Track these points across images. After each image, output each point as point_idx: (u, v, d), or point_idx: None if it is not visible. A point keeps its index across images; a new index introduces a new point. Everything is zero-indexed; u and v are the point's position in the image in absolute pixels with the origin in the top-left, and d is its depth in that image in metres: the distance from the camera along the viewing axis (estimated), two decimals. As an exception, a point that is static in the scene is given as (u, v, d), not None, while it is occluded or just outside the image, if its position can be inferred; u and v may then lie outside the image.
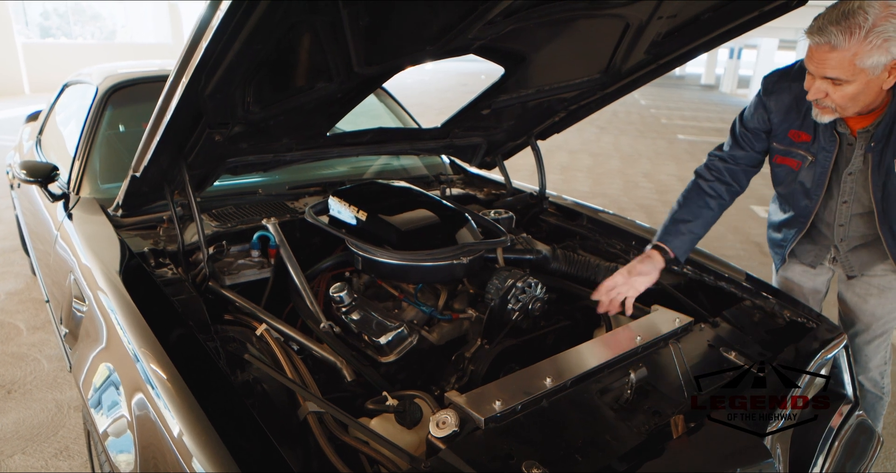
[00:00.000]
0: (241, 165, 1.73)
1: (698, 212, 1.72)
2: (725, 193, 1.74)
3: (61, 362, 2.74)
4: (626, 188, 6.91)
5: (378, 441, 1.08)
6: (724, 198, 1.74)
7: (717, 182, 1.74)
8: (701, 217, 1.71)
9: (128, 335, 1.25)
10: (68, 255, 1.76)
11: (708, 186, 1.74)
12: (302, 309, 1.55)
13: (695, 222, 1.70)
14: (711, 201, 1.73)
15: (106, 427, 1.24)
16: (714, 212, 1.73)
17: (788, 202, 1.78)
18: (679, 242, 1.68)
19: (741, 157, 1.74)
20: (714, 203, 1.73)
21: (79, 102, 2.59)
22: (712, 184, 1.74)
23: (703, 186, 1.75)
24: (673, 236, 1.69)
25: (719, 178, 1.75)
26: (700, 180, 1.76)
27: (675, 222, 1.71)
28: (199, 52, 1.09)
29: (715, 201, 1.73)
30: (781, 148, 1.66)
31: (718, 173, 1.75)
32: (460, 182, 2.56)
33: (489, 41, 1.47)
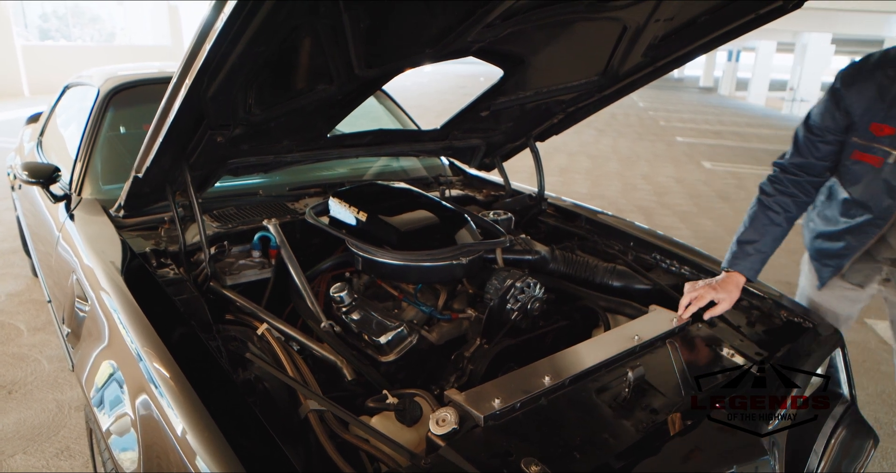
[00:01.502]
0: (242, 167, 1.75)
1: (764, 230, 1.63)
2: (792, 205, 1.63)
3: (62, 362, 2.75)
4: (625, 190, 6.93)
5: (378, 438, 1.09)
6: (790, 211, 1.63)
7: (782, 195, 1.63)
8: (768, 235, 1.62)
9: (130, 335, 1.26)
10: (70, 255, 1.77)
11: (772, 201, 1.64)
12: (302, 309, 1.56)
13: (761, 240, 1.62)
14: (777, 216, 1.63)
15: (109, 426, 1.25)
16: (782, 227, 1.63)
17: (863, 205, 1.61)
18: (748, 263, 1.61)
19: (805, 166, 1.62)
20: (780, 218, 1.63)
21: (80, 104, 2.61)
22: (776, 199, 1.64)
23: (766, 202, 1.64)
24: (740, 260, 1.62)
25: (783, 190, 1.64)
26: (763, 197, 1.66)
27: (741, 244, 1.63)
28: (202, 54, 1.10)
29: (781, 216, 1.63)
30: (862, 143, 1.54)
31: (782, 186, 1.64)
32: (459, 183, 2.57)
33: (488, 44, 1.48)
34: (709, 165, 8.88)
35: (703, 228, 5.53)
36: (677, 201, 6.56)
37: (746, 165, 9.06)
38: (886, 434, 2.54)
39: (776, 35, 19.56)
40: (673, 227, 5.49)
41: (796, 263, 2.00)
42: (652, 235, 2.08)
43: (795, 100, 18.45)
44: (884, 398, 2.82)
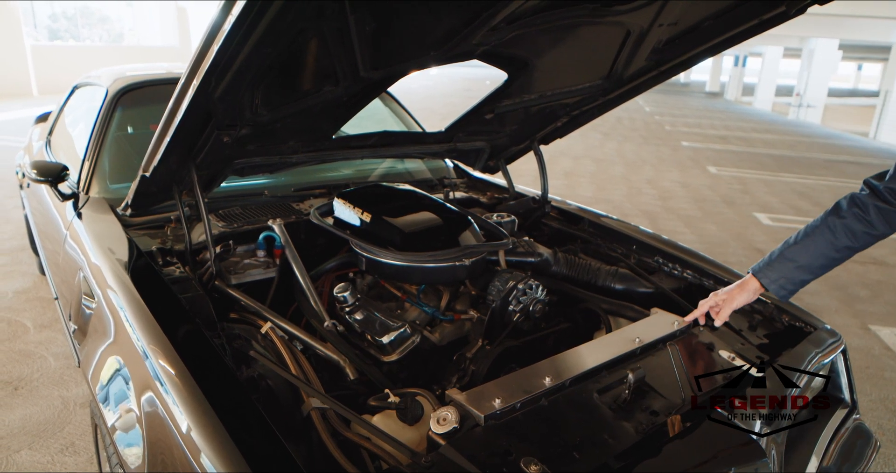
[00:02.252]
0: (247, 167, 1.76)
1: (817, 254, 1.38)
2: (862, 236, 1.34)
3: (68, 359, 2.77)
4: (630, 194, 6.93)
5: (380, 436, 1.10)
6: (856, 243, 1.35)
7: (857, 221, 1.34)
8: (817, 262, 1.38)
9: (136, 332, 1.28)
10: (77, 253, 1.79)
11: (840, 225, 1.35)
12: (306, 309, 1.57)
13: (805, 265, 1.39)
14: (837, 243, 1.35)
15: (114, 421, 1.27)
16: (836, 259, 1.38)
17: None
18: (777, 275, 1.42)
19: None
20: (839, 250, 1.36)
21: (88, 104, 2.63)
22: (847, 223, 1.35)
23: (832, 224, 1.36)
24: (772, 270, 1.42)
25: (861, 217, 1.34)
26: (832, 217, 1.37)
27: (783, 258, 1.42)
28: (210, 55, 1.12)
29: (841, 244, 1.35)
30: None
31: (862, 210, 1.34)
32: (463, 186, 2.58)
33: (493, 47, 1.50)
34: (714, 169, 8.87)
35: (707, 232, 5.52)
36: (682, 205, 6.55)
37: (752, 170, 9.04)
38: (889, 440, 2.54)
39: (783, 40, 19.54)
40: (677, 231, 5.48)
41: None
42: (654, 238, 2.09)
43: (802, 105, 18.41)
44: (887, 405, 2.81)
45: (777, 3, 1.54)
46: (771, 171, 9.09)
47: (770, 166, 9.47)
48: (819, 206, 6.97)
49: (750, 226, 5.86)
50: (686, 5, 1.55)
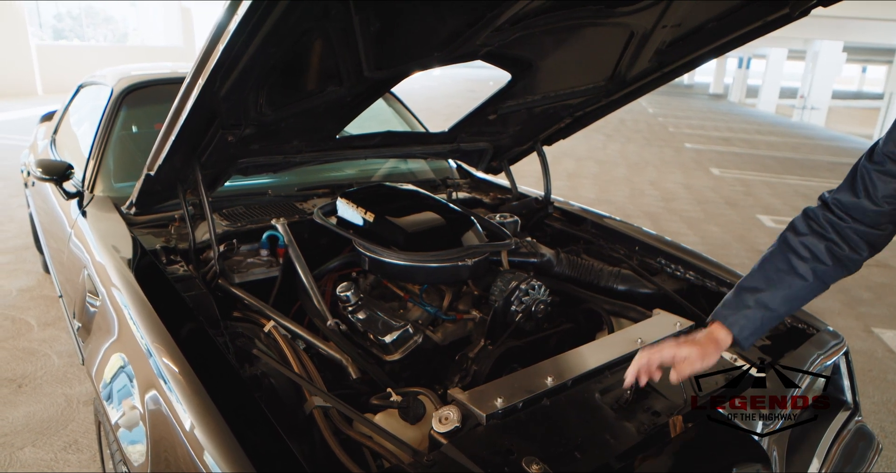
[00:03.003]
0: (251, 166, 1.77)
1: (777, 278, 1.16)
2: (826, 254, 1.14)
3: (71, 357, 2.78)
4: (633, 196, 6.93)
5: (382, 435, 1.10)
6: (822, 261, 1.14)
7: (814, 237, 1.15)
8: (780, 286, 1.15)
9: (140, 329, 1.29)
10: (82, 252, 1.80)
11: (799, 241, 1.16)
12: (309, 308, 1.58)
13: (769, 291, 1.16)
14: (801, 263, 1.15)
15: (118, 419, 1.28)
16: (804, 281, 1.15)
17: None
18: (741, 317, 1.16)
19: (853, 207, 1.12)
20: (805, 268, 1.14)
21: (93, 103, 2.65)
22: (805, 239, 1.16)
23: (792, 241, 1.17)
24: (731, 310, 1.17)
25: (818, 232, 1.15)
26: (789, 234, 1.19)
27: (741, 290, 1.19)
28: (216, 55, 1.12)
29: (807, 265, 1.14)
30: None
31: (818, 225, 1.16)
32: (466, 186, 2.59)
33: (496, 48, 1.50)
34: (717, 171, 8.86)
35: (710, 234, 5.52)
36: (685, 206, 6.55)
37: (755, 172, 9.03)
38: (891, 442, 2.53)
39: (787, 42, 19.51)
40: (680, 233, 5.48)
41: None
42: (657, 239, 2.09)
43: (806, 108, 18.38)
44: (889, 408, 2.81)
45: (781, 5, 1.54)
46: (774, 173, 9.07)
47: (773, 168, 9.45)
48: (822, 208, 6.94)
49: (753, 228, 5.85)
50: (690, 7, 1.55)
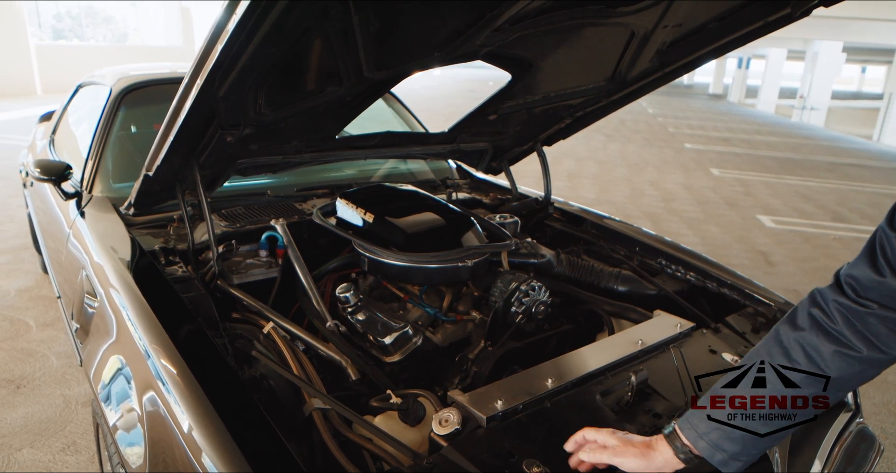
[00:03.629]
0: (250, 167, 1.76)
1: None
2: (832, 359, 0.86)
3: (70, 358, 2.77)
4: (633, 196, 6.92)
5: (381, 437, 1.10)
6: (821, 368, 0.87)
7: (818, 335, 0.87)
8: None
9: (138, 331, 1.28)
10: (80, 252, 1.79)
11: (795, 337, 0.89)
12: (308, 309, 1.57)
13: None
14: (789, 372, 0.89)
15: (116, 420, 1.27)
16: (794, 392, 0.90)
17: None
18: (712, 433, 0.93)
19: (876, 286, 0.82)
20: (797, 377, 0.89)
21: (92, 103, 2.64)
22: (805, 338, 0.88)
23: (784, 337, 0.90)
24: (701, 423, 0.94)
25: (824, 328, 0.86)
26: (783, 326, 0.92)
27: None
28: (215, 54, 1.12)
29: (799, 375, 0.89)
30: None
31: (826, 320, 0.87)
32: (466, 187, 2.58)
33: (497, 48, 1.50)
34: (717, 172, 8.86)
35: (710, 234, 5.51)
36: (685, 207, 6.54)
37: (755, 172, 9.03)
38: (893, 443, 2.53)
39: (787, 43, 19.51)
40: (680, 233, 5.47)
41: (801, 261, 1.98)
42: (658, 240, 2.08)
43: (805, 108, 18.38)
44: (890, 408, 2.80)
45: (782, 5, 1.53)
46: (774, 173, 9.07)
47: (773, 169, 9.45)
48: (822, 208, 6.95)
49: (752, 228, 5.85)
50: (691, 7, 1.54)
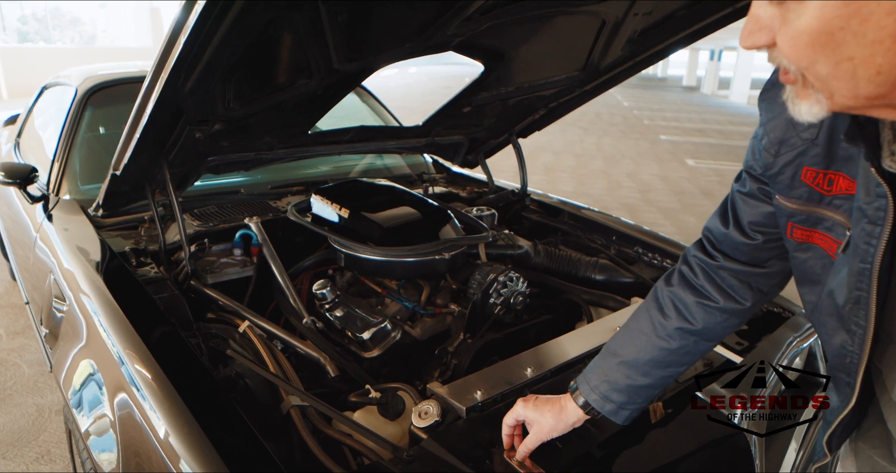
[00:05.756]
0: (222, 164, 1.73)
1: (639, 342, 0.94)
2: (695, 310, 0.91)
3: (42, 366, 2.71)
4: (610, 188, 6.97)
5: (361, 432, 1.08)
6: (690, 321, 0.91)
7: (684, 289, 0.93)
8: (642, 352, 0.93)
9: (109, 333, 1.25)
10: (48, 256, 1.74)
11: (668, 294, 0.94)
12: (285, 307, 1.55)
13: (631, 358, 0.94)
14: (664, 324, 0.93)
15: (88, 427, 1.24)
16: (669, 345, 0.92)
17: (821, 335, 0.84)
18: (601, 386, 0.96)
19: (723, 239, 0.90)
20: (668, 329, 0.92)
21: (58, 105, 2.57)
22: (674, 293, 0.94)
23: (660, 295, 0.95)
24: (591, 374, 0.98)
25: (689, 282, 0.93)
26: (660, 284, 0.98)
27: (605, 354, 0.99)
28: (178, 47, 1.09)
29: (670, 325, 0.92)
30: (792, 207, 0.78)
31: (690, 273, 0.94)
32: (443, 181, 2.57)
33: (468, 38, 1.49)
34: (692, 162, 8.96)
35: (686, 224, 5.57)
36: (661, 198, 6.61)
37: (729, 162, 9.15)
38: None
39: (757, 34, 19.75)
40: (657, 223, 5.52)
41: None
42: (634, 229, 2.09)
43: (777, 98, 18.64)
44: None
45: (749, -8, 1.55)
46: (748, 163, 9.18)
47: (747, 158, 9.56)
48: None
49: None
50: (660, -6, 1.55)
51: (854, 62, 0.51)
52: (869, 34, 0.49)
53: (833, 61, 0.52)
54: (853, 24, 0.49)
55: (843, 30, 0.50)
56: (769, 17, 0.56)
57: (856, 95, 0.54)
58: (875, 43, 0.50)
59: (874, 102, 0.55)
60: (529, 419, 1.00)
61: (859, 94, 0.54)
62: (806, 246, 0.78)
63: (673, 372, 0.95)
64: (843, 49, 0.51)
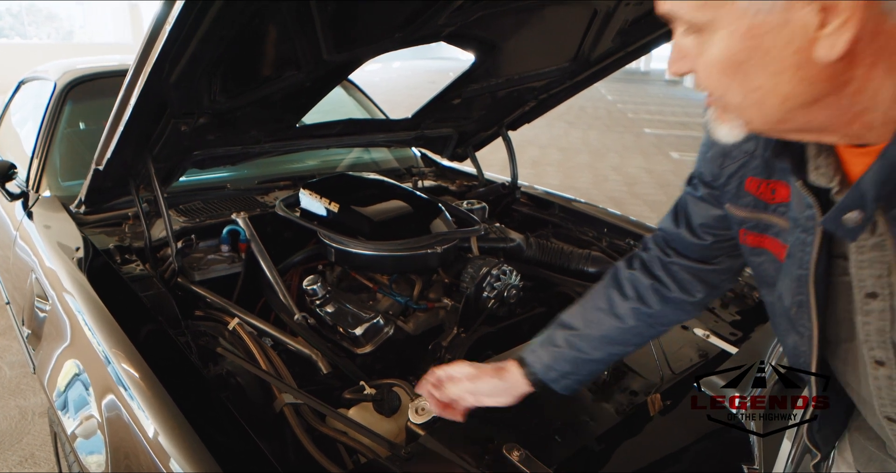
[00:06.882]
0: (208, 158, 1.70)
1: (595, 318, 0.98)
2: (651, 294, 0.96)
3: (24, 368, 2.65)
4: (596, 181, 6.99)
5: (356, 429, 1.07)
6: (646, 302, 0.96)
7: (642, 273, 0.98)
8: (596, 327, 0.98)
9: (94, 332, 1.21)
10: (29, 255, 1.70)
11: (628, 275, 0.99)
12: (275, 303, 1.52)
13: (583, 331, 0.98)
14: (621, 303, 0.97)
15: (74, 429, 1.20)
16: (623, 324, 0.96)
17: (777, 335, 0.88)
18: (546, 355, 0.99)
19: (675, 238, 0.96)
20: (625, 308, 0.96)
21: (35, 100, 2.51)
22: (634, 275, 0.98)
23: (621, 275, 1.00)
24: (538, 347, 1.01)
25: (648, 268, 0.98)
26: (620, 265, 1.02)
27: (559, 325, 1.02)
28: (162, 37, 1.06)
29: (627, 305, 0.96)
30: (742, 215, 0.81)
31: (650, 261, 0.99)
32: (432, 175, 2.55)
33: (458, 28, 1.47)
34: (677, 155, 9.01)
35: (673, 217, 5.60)
36: (647, 190, 6.64)
37: (713, 155, 9.21)
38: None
39: (738, 28, 19.92)
40: (644, 216, 5.55)
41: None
42: (624, 220, 2.09)
43: (758, 91, 18.83)
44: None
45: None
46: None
47: (730, 151, 9.64)
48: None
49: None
50: (651, -17, 1.54)
51: (762, 91, 0.55)
52: (771, 66, 0.52)
53: (743, 90, 0.56)
54: (756, 56, 0.52)
55: (748, 61, 0.53)
56: (688, 47, 0.59)
57: (767, 120, 0.58)
58: (778, 73, 0.53)
59: (787, 126, 0.59)
60: (466, 374, 1.02)
61: (770, 119, 0.58)
62: (758, 251, 0.81)
63: (621, 351, 1.00)
64: (751, 79, 0.54)
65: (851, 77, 0.52)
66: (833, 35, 0.49)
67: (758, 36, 0.51)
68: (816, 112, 0.55)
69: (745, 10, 0.51)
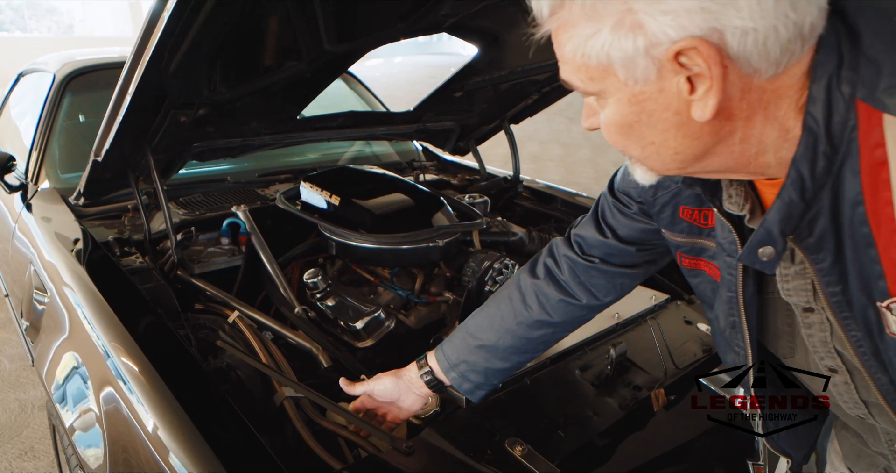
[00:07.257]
0: (208, 150, 1.68)
1: (497, 327, 1.00)
2: (555, 305, 0.97)
3: (23, 361, 2.64)
4: (598, 176, 6.97)
5: (357, 423, 1.05)
6: (549, 314, 0.97)
7: (549, 284, 0.97)
8: (498, 334, 0.99)
9: (93, 325, 1.20)
10: (27, 247, 1.68)
11: (532, 285, 0.98)
12: (275, 296, 1.51)
13: (487, 341, 1.00)
14: (524, 313, 0.98)
15: (73, 422, 1.19)
16: (526, 334, 0.98)
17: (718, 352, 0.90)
18: (456, 360, 1.02)
19: (600, 246, 0.95)
20: (523, 319, 0.98)
21: (35, 92, 2.49)
22: (538, 285, 0.98)
23: (524, 284, 1.00)
24: (451, 351, 1.04)
25: (554, 277, 0.98)
26: (524, 274, 1.02)
27: (465, 335, 1.04)
28: (161, 25, 1.04)
29: (529, 316, 0.98)
30: (678, 240, 0.83)
31: (556, 269, 0.98)
32: (434, 168, 2.53)
33: (461, 19, 1.45)
34: (678, 151, 8.99)
35: (674, 212, 5.58)
36: (649, 186, 6.61)
37: (715, 151, 9.19)
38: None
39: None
40: (645, 212, 5.53)
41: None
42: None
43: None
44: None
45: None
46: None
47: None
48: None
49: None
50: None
51: (655, 146, 0.60)
52: (658, 126, 0.58)
53: (640, 145, 0.61)
54: (643, 119, 0.58)
55: (638, 122, 0.59)
56: (594, 107, 0.64)
57: (667, 169, 0.63)
58: (665, 131, 0.58)
59: (688, 171, 0.63)
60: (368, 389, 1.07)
61: (669, 168, 0.63)
62: (695, 272, 0.84)
63: (529, 358, 1.04)
64: (644, 136, 0.60)
65: (733, 128, 0.57)
66: (702, 99, 0.54)
67: (640, 102, 0.57)
68: (710, 159, 0.60)
69: (626, 82, 0.56)
